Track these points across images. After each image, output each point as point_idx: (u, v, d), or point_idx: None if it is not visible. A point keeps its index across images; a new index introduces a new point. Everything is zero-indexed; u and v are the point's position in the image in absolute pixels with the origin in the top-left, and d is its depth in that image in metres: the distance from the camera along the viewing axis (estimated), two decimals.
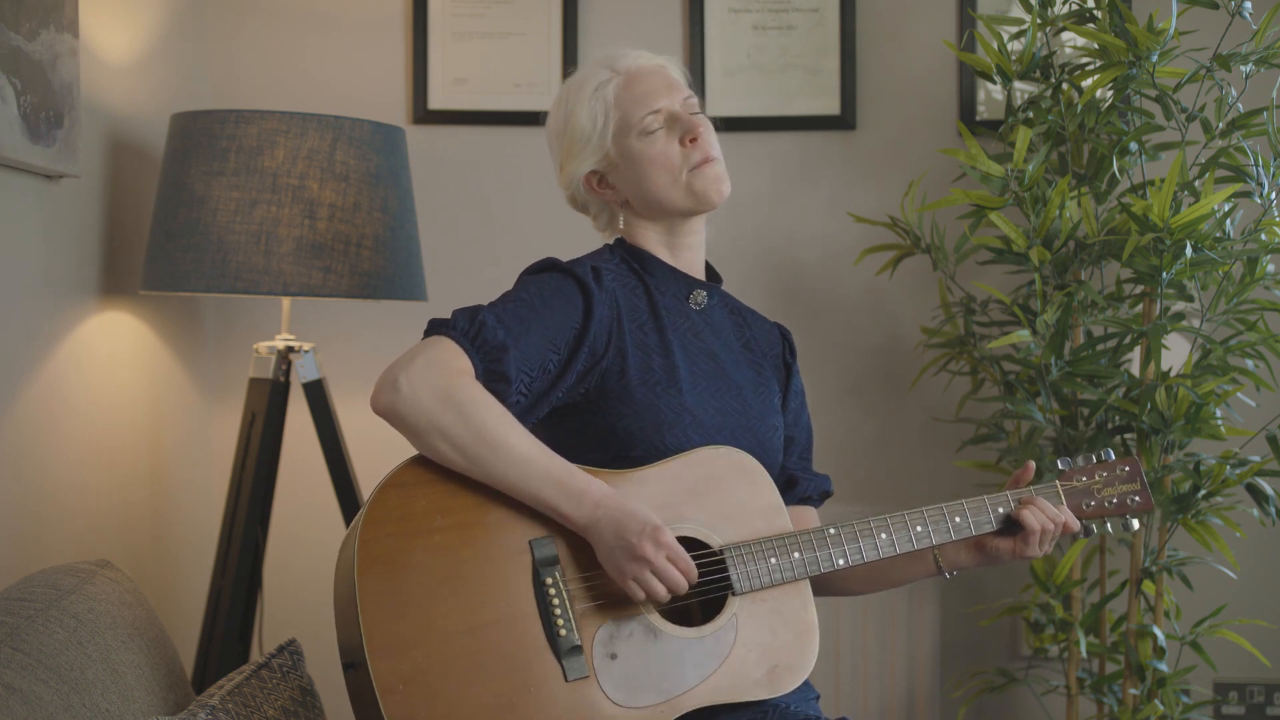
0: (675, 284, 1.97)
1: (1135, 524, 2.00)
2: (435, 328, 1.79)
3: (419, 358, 1.74)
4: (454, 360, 1.75)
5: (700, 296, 1.98)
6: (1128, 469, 1.98)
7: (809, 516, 2.04)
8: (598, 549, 1.73)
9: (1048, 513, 1.90)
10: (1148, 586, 2.65)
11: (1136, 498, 1.98)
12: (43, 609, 1.68)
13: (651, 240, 1.98)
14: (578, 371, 1.84)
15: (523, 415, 1.81)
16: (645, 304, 1.93)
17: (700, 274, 2.02)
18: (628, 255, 1.98)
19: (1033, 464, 1.98)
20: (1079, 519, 1.96)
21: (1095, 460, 1.99)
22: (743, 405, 1.94)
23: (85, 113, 2.43)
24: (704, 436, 1.87)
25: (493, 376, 1.76)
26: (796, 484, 2.03)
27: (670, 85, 1.95)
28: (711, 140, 1.94)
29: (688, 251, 1.99)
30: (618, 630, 1.75)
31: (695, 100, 1.97)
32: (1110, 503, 1.97)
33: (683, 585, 1.74)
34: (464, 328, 1.77)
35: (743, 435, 1.91)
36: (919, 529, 1.89)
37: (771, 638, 1.80)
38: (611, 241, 2.02)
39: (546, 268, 1.91)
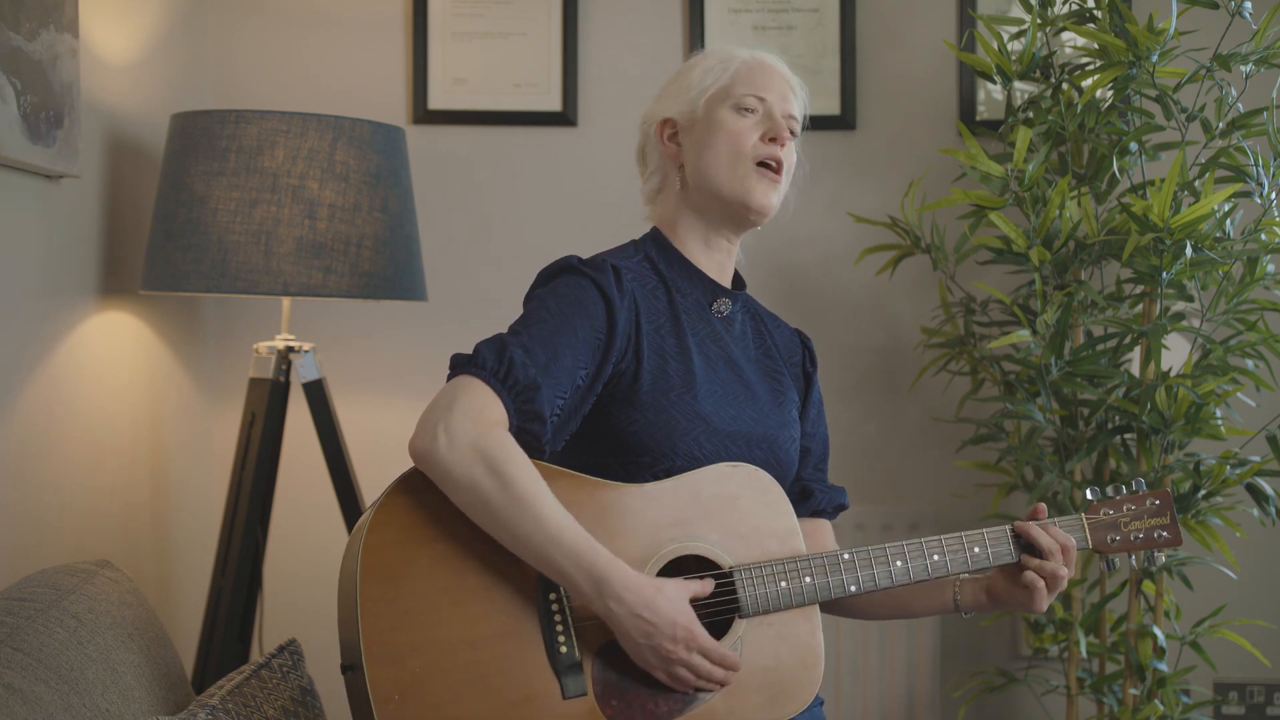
0: (699, 289, 1.93)
1: (1161, 558, 1.95)
2: (463, 366, 1.73)
3: (455, 406, 1.68)
4: (488, 409, 1.69)
5: (724, 305, 1.95)
6: (1158, 502, 1.93)
7: (823, 530, 2.02)
8: (621, 640, 1.70)
9: (1057, 537, 1.85)
10: (1148, 586, 2.65)
11: (1165, 533, 1.92)
12: (43, 609, 1.68)
13: (688, 230, 1.94)
14: (604, 380, 1.81)
15: (558, 431, 1.78)
16: (665, 306, 1.89)
17: (727, 281, 1.98)
18: (655, 253, 1.94)
19: (1043, 506, 1.92)
20: (1104, 553, 1.92)
21: (1125, 492, 1.93)
22: (759, 414, 1.91)
23: (85, 113, 2.43)
24: (716, 444, 1.84)
25: (526, 417, 1.72)
26: (812, 496, 2.00)
27: (786, 96, 1.93)
28: (789, 158, 1.92)
29: (720, 254, 1.96)
30: (619, 649, 1.72)
31: (798, 125, 1.95)
32: (1136, 537, 1.92)
33: (728, 681, 1.72)
34: (494, 367, 1.71)
35: (758, 444, 1.89)
36: (936, 558, 1.85)
37: (775, 663, 1.78)
38: (647, 229, 1.99)
39: (564, 269, 1.86)
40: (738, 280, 2.01)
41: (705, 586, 1.74)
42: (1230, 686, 3.01)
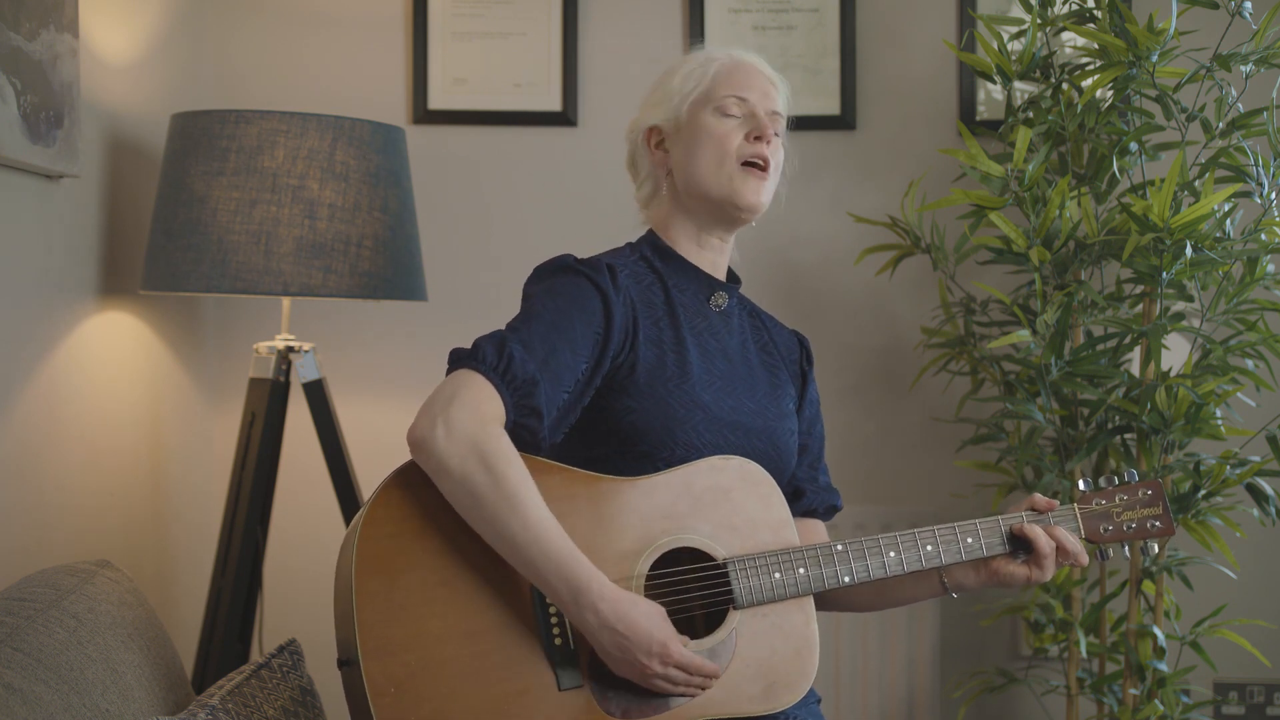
0: (696, 284, 1.95)
1: (1155, 547, 1.97)
2: (462, 360, 1.75)
3: (456, 400, 1.69)
4: (486, 404, 1.71)
5: (721, 299, 1.97)
6: (1150, 492, 1.93)
7: (815, 530, 2.02)
8: (596, 649, 1.70)
9: (1056, 537, 1.86)
10: (1148, 586, 2.65)
11: (1157, 523, 1.93)
12: (43, 609, 1.68)
13: (680, 231, 1.96)
14: (603, 373, 1.83)
15: (556, 425, 1.79)
16: (662, 301, 1.92)
17: (722, 276, 2.00)
18: (650, 253, 1.96)
19: (1038, 496, 1.93)
20: (1097, 543, 1.92)
21: (1117, 483, 1.94)
22: (757, 404, 1.92)
23: (85, 113, 2.43)
24: (714, 432, 1.85)
25: (524, 412, 1.73)
26: (803, 496, 2.00)
27: (768, 93, 1.95)
28: (776, 155, 1.94)
29: (713, 252, 1.97)
30: None
31: (782, 121, 1.96)
32: (1129, 527, 1.92)
33: (707, 687, 1.72)
34: (493, 362, 1.73)
35: (758, 434, 1.90)
36: (929, 548, 1.86)
37: (770, 654, 1.79)
38: (642, 233, 2.01)
39: (561, 269, 1.88)
40: (733, 277, 2.03)
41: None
42: (1230, 686, 3.01)
